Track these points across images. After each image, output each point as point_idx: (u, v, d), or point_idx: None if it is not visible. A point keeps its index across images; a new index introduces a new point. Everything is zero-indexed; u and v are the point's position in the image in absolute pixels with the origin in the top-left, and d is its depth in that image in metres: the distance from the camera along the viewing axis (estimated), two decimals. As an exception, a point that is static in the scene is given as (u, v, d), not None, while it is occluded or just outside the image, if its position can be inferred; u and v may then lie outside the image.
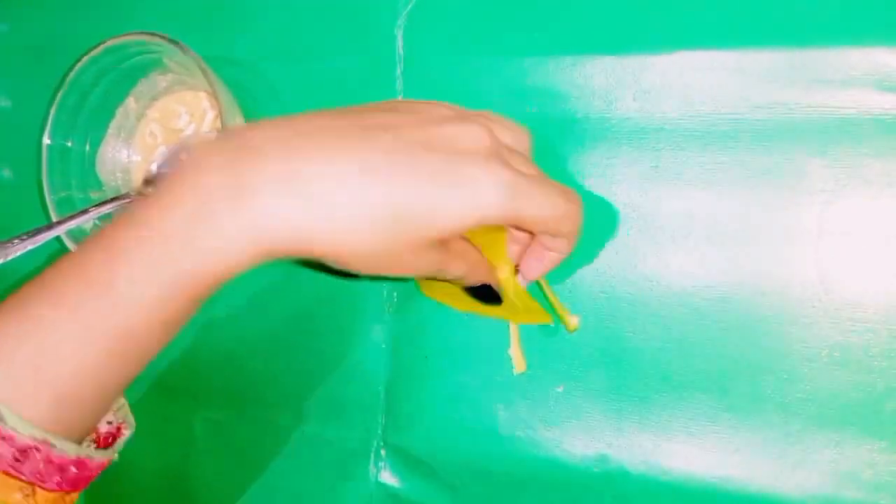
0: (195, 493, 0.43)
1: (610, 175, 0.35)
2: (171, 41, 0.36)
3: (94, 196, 0.41)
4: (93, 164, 0.42)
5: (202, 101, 0.42)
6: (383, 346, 0.39)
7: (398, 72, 0.39)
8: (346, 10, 0.40)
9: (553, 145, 0.36)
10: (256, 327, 0.42)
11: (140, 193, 0.40)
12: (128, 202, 0.40)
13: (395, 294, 0.39)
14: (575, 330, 0.35)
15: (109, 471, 0.29)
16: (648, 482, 0.34)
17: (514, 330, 0.36)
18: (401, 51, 0.39)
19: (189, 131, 0.42)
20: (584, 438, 0.35)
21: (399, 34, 0.39)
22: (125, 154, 0.43)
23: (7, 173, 0.48)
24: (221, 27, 0.42)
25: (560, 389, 0.36)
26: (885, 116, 0.32)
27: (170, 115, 0.42)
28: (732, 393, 0.33)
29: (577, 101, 0.36)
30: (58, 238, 0.39)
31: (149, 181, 0.41)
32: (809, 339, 0.33)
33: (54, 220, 0.38)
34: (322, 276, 0.40)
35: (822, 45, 0.33)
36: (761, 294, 0.33)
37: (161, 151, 0.42)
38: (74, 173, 0.41)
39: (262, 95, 0.41)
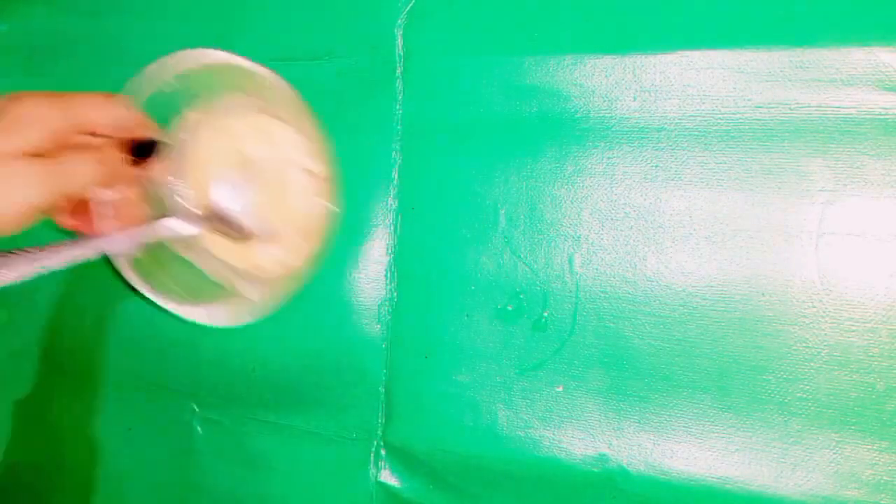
0: (195, 492, 0.43)
1: (610, 174, 0.35)
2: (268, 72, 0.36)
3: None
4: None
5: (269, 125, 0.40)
6: (383, 346, 0.39)
7: (398, 72, 0.39)
8: (346, 10, 0.40)
9: (553, 145, 0.36)
10: (257, 329, 0.42)
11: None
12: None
13: (395, 294, 0.39)
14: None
15: (110, 471, 0.29)
16: (648, 482, 0.34)
17: None
18: (401, 50, 0.39)
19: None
20: (584, 438, 0.35)
21: (399, 34, 0.39)
22: None
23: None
24: (221, 27, 0.42)
25: (560, 389, 0.36)
26: (885, 116, 0.32)
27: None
28: (732, 393, 0.33)
29: (577, 100, 0.36)
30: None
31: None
32: (809, 339, 0.33)
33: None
34: (322, 279, 0.40)
35: (823, 45, 0.33)
36: (761, 294, 0.33)
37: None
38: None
39: (262, 95, 0.41)
